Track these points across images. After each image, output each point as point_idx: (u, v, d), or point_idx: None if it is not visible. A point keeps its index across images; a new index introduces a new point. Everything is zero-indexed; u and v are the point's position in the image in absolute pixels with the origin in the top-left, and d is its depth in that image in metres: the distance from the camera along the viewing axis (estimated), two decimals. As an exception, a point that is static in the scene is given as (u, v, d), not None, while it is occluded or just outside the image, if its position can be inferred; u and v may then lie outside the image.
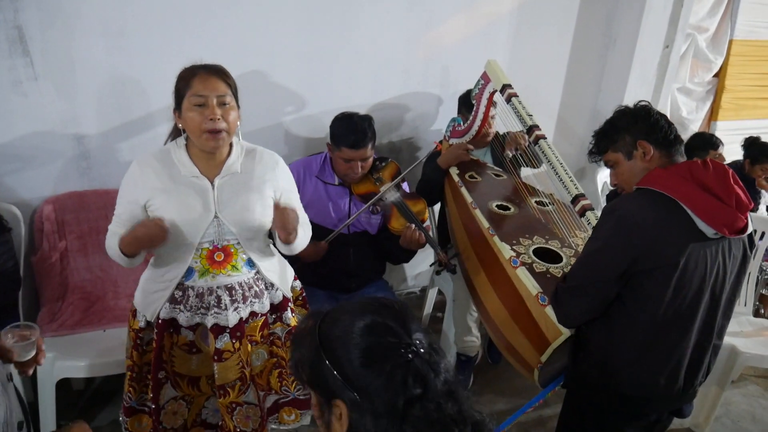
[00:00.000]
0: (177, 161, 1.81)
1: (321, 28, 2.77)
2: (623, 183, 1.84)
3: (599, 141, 1.88)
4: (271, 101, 2.78)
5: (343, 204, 2.52)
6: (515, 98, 2.42)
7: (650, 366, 1.75)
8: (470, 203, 2.45)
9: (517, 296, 2.05)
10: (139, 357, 1.96)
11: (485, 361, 3.15)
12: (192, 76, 1.74)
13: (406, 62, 3.03)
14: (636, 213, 1.65)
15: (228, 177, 1.84)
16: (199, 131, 1.73)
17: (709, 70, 4.05)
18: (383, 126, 3.10)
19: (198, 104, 1.72)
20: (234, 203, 1.83)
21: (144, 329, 1.93)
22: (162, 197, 1.78)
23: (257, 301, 1.94)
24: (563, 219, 2.41)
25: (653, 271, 1.65)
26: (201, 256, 1.84)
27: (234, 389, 1.93)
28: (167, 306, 1.87)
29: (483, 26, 3.14)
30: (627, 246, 1.64)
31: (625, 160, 1.81)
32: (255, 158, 1.91)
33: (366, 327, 1.00)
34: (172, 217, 1.77)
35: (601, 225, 1.74)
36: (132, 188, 1.81)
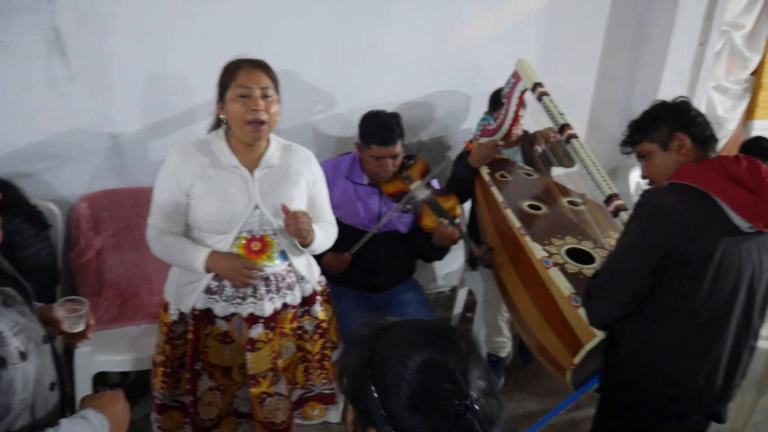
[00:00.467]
0: (217, 151, 1.85)
1: (349, 27, 2.77)
2: (655, 175, 1.82)
3: (634, 131, 1.86)
4: (300, 101, 2.79)
5: (372, 204, 2.52)
6: (546, 97, 2.40)
7: (688, 364, 1.72)
8: (501, 203, 2.43)
9: (549, 297, 2.03)
10: (172, 351, 1.99)
11: (516, 362, 3.13)
12: (237, 69, 1.79)
13: (435, 61, 3.02)
14: (668, 205, 1.64)
15: (267, 169, 1.88)
16: (242, 122, 1.77)
17: (746, 68, 3.97)
18: (412, 125, 3.10)
19: (242, 95, 1.76)
20: (273, 194, 1.87)
21: (176, 322, 1.97)
22: (203, 185, 1.82)
23: (289, 292, 1.97)
24: (596, 219, 2.38)
25: (687, 265, 1.63)
26: (239, 245, 1.86)
27: (265, 379, 1.96)
28: (203, 296, 1.90)
29: (512, 24, 3.12)
30: (659, 238, 1.62)
31: (659, 152, 1.79)
32: (290, 152, 1.97)
33: (424, 364, 0.88)
34: (210, 205, 1.81)
35: (633, 218, 1.74)
36: (173, 176, 1.84)
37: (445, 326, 0.99)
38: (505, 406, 0.94)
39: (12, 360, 1.13)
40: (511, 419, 2.77)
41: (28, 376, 1.17)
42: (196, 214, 1.84)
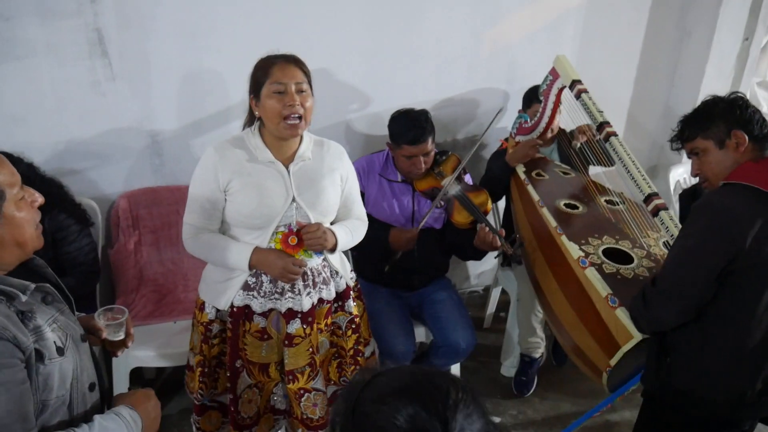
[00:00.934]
0: (252, 147, 1.87)
1: (386, 26, 2.77)
2: (709, 173, 1.76)
3: (689, 126, 1.79)
4: (336, 99, 2.80)
5: (406, 201, 2.52)
6: (585, 94, 2.36)
7: (747, 370, 1.66)
8: (537, 201, 2.41)
9: (585, 297, 2.01)
10: (209, 350, 2.01)
11: (550, 363, 3.09)
12: (271, 65, 1.80)
13: (471, 58, 3.00)
14: (733, 208, 1.57)
15: (301, 164, 1.90)
16: (278, 118, 1.78)
17: (793, 63, 3.84)
18: (448, 123, 3.08)
19: (277, 91, 1.77)
20: (310, 188, 1.89)
21: (212, 321, 1.98)
22: (241, 180, 1.83)
23: (325, 287, 1.99)
24: (635, 219, 2.33)
25: (752, 269, 1.58)
26: (276, 240, 1.88)
27: (303, 375, 1.97)
28: (241, 293, 1.92)
29: (550, 20, 3.07)
30: (726, 242, 1.56)
31: (715, 149, 1.72)
32: (323, 147, 1.98)
33: (405, 421, 0.81)
34: (249, 199, 1.83)
35: (694, 221, 1.66)
36: (211, 173, 1.85)
37: (433, 373, 0.90)
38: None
39: (50, 354, 1.15)
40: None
41: (65, 372, 1.19)
42: (235, 210, 1.86)
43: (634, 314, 1.80)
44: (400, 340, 2.39)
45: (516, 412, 2.79)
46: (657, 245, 2.24)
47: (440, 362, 2.56)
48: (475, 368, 3.03)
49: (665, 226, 2.02)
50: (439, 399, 0.83)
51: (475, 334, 2.50)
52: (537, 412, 2.80)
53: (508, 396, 2.88)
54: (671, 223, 2.01)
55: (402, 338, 2.40)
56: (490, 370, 3.04)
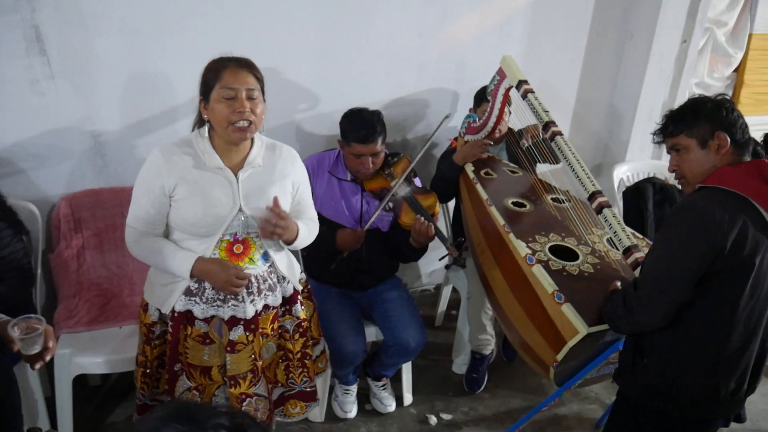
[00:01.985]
0: (200, 151, 1.82)
1: (335, 24, 2.75)
2: (687, 171, 1.77)
3: (674, 122, 1.78)
4: (285, 99, 2.78)
5: (355, 200, 2.52)
6: (531, 94, 2.40)
7: (723, 369, 1.71)
8: (485, 200, 2.44)
9: (532, 294, 2.04)
10: (151, 351, 1.98)
11: (500, 359, 3.14)
12: (222, 68, 1.75)
13: (421, 59, 3.01)
14: (714, 212, 1.59)
15: (251, 170, 1.86)
16: (226, 123, 1.74)
17: (729, 64, 3.98)
18: (398, 123, 3.09)
19: (227, 97, 1.73)
20: (258, 197, 1.85)
21: (156, 323, 1.95)
22: (187, 187, 1.79)
23: (271, 294, 1.97)
24: (580, 216, 2.39)
25: (730, 272, 1.62)
26: (220, 248, 1.85)
27: (245, 381, 1.95)
28: (183, 298, 1.88)
29: (498, 22, 3.11)
30: (707, 246, 1.59)
31: (697, 148, 1.73)
32: (275, 153, 1.94)
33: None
34: (194, 207, 1.78)
35: (675, 225, 1.67)
36: (157, 177, 1.79)
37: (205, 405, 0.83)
38: None
39: None
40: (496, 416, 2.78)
41: None
42: (179, 217, 1.81)
43: (612, 318, 1.79)
44: (350, 340, 2.39)
45: (467, 408, 2.82)
46: (601, 242, 2.29)
47: (391, 361, 2.57)
48: (426, 366, 3.05)
49: (608, 223, 2.07)
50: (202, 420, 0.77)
51: (425, 333, 2.51)
52: (488, 408, 2.83)
53: (460, 393, 2.91)
54: (614, 220, 2.06)
55: (352, 338, 2.40)
56: (441, 368, 3.07)
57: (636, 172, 3.53)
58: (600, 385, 2.99)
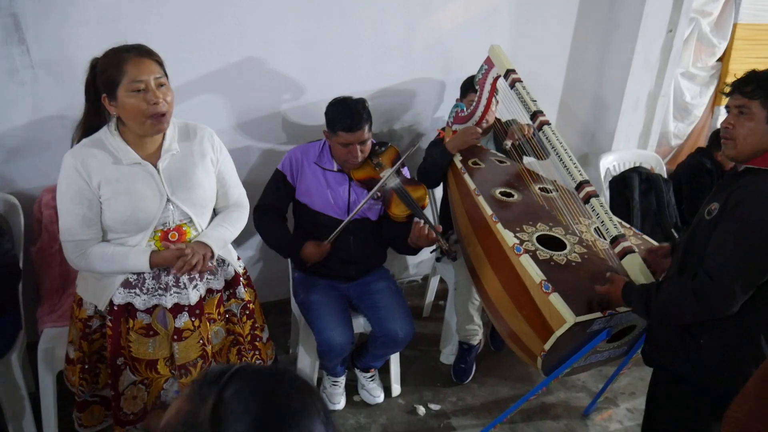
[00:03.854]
0: (114, 148, 1.77)
1: (320, 14, 2.73)
2: (741, 136, 1.71)
3: (757, 85, 1.69)
4: (270, 89, 2.75)
5: (342, 190, 2.50)
6: (519, 83, 2.39)
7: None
8: (473, 190, 2.43)
9: (520, 284, 2.04)
10: (89, 346, 1.94)
11: (488, 349, 3.14)
12: (123, 61, 1.69)
13: (407, 48, 3.00)
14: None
15: (169, 159, 1.84)
16: (143, 117, 1.70)
17: (713, 54, 4.01)
18: (384, 113, 3.08)
19: (137, 89, 1.68)
20: (183, 183, 1.84)
21: (92, 317, 1.91)
22: (110, 187, 1.75)
23: (213, 278, 1.96)
24: (567, 206, 2.39)
25: None
26: (155, 239, 1.84)
27: (196, 368, 1.93)
28: (121, 291, 1.85)
29: (484, 10, 3.10)
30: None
31: (763, 121, 1.67)
32: (189, 133, 1.92)
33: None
34: (123, 206, 1.76)
35: (747, 213, 1.62)
36: (80, 180, 1.74)
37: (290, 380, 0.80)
38: None
39: None
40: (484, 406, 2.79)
41: None
42: (109, 218, 1.78)
43: (671, 309, 1.73)
44: (338, 332, 2.38)
45: (455, 398, 2.83)
46: (588, 231, 2.29)
47: (379, 352, 2.56)
48: (414, 357, 3.05)
49: (596, 212, 2.07)
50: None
51: (413, 324, 2.51)
52: (476, 398, 2.84)
53: (448, 383, 2.91)
54: (601, 210, 2.06)
55: (340, 330, 2.39)
56: (429, 359, 3.07)
57: (622, 161, 3.55)
58: (587, 373, 3.01)
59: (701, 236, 1.72)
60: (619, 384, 2.97)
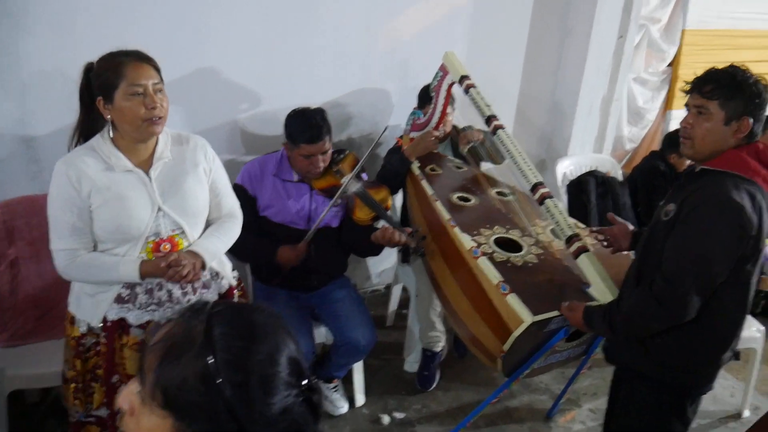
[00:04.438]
0: (106, 155, 1.76)
1: (277, 21, 2.72)
2: (699, 137, 1.72)
3: (715, 86, 1.69)
4: (226, 98, 2.73)
5: (303, 201, 2.49)
6: (473, 89, 2.43)
7: (730, 339, 1.79)
8: (431, 195, 2.45)
9: (478, 286, 2.05)
10: (83, 365, 1.89)
11: (452, 355, 3.15)
12: (123, 65, 1.70)
13: (366, 56, 3.01)
14: (739, 199, 1.62)
15: (162, 166, 1.82)
16: (140, 120, 1.70)
17: (663, 60, 4.12)
18: (343, 121, 3.08)
19: (136, 93, 1.68)
20: (175, 192, 1.82)
21: (85, 335, 1.87)
22: (101, 194, 1.74)
23: (206, 291, 1.94)
24: (524, 208, 2.42)
25: (748, 258, 1.67)
26: (147, 250, 1.81)
27: None
28: (115, 306, 1.83)
29: (440, 18, 3.13)
30: (741, 240, 1.63)
31: (720, 122, 1.69)
32: (182, 143, 1.91)
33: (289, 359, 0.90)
34: (114, 214, 1.74)
35: (703, 216, 1.65)
36: (71, 188, 1.73)
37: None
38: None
39: None
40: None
41: None
42: (99, 227, 1.76)
43: (639, 319, 1.75)
44: (300, 343, 2.35)
45: (420, 406, 2.82)
46: (544, 233, 2.33)
47: (341, 361, 2.55)
48: (379, 366, 3.04)
49: (551, 213, 2.10)
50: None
51: (374, 331, 2.50)
52: (441, 405, 2.84)
53: (412, 391, 2.90)
54: (556, 210, 2.10)
55: (301, 340, 2.36)
56: (393, 367, 3.06)
57: (578, 165, 3.61)
58: (549, 375, 3.04)
59: (658, 237, 1.75)
60: (581, 385, 3.01)
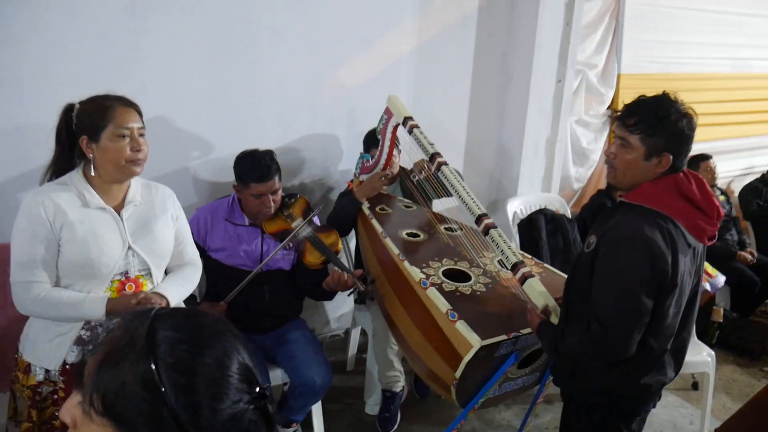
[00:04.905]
0: (80, 193, 1.79)
1: (224, 71, 2.79)
2: (620, 167, 1.79)
3: (639, 119, 1.73)
4: (177, 146, 2.76)
5: (254, 244, 2.51)
6: (416, 129, 2.51)
7: (658, 369, 1.84)
8: (381, 233, 2.49)
9: (428, 316, 2.08)
10: (39, 415, 1.84)
11: (413, 397, 3.13)
12: (110, 109, 1.78)
13: (313, 104, 3.09)
14: (652, 235, 1.67)
15: (133, 209, 1.88)
16: (123, 161, 1.77)
17: (602, 102, 4.31)
18: (294, 167, 3.13)
19: (122, 135, 1.76)
20: (145, 233, 1.87)
21: (43, 383, 1.83)
22: (72, 229, 1.75)
23: None
24: (471, 242, 2.48)
25: (664, 291, 1.71)
26: (112, 289, 1.82)
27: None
28: (75, 349, 1.81)
29: (384, 67, 3.25)
30: (657, 276, 1.68)
31: (640, 156, 1.73)
32: (151, 190, 1.98)
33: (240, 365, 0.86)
34: (84, 249, 1.76)
35: (621, 256, 1.69)
36: (42, 220, 1.74)
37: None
38: None
39: None
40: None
41: None
42: (67, 260, 1.76)
43: (572, 354, 1.80)
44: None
45: (382, 448, 2.79)
46: (492, 263, 2.38)
47: (298, 403, 2.51)
48: (339, 410, 3.00)
49: (495, 242, 2.16)
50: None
51: (330, 371, 2.49)
52: (402, 446, 2.81)
53: (374, 434, 2.88)
54: (500, 240, 2.15)
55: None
56: (355, 411, 3.03)
57: (528, 204, 3.71)
58: (512, 412, 3.05)
59: (582, 269, 1.82)
60: (543, 420, 3.02)
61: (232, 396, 0.82)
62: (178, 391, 0.79)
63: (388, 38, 3.23)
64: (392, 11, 3.20)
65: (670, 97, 1.76)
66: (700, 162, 4.23)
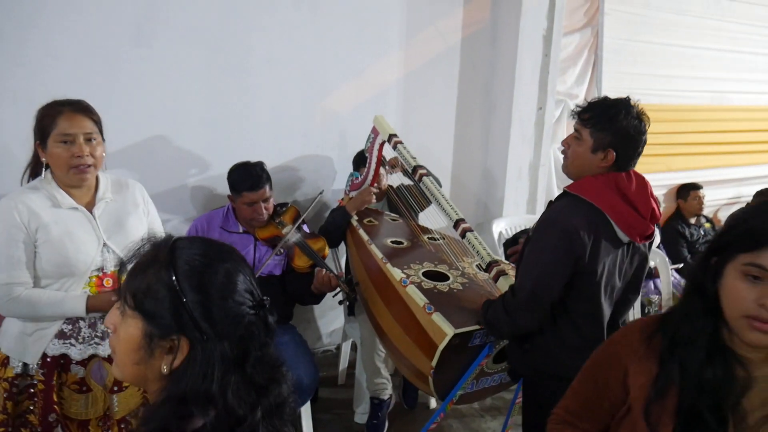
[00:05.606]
0: (51, 194, 1.84)
1: (222, 95, 3.00)
2: (570, 157, 1.95)
3: (590, 114, 1.88)
4: (176, 164, 2.95)
5: (247, 251, 2.66)
6: (400, 145, 2.69)
7: (584, 354, 1.94)
8: (366, 241, 2.64)
9: (407, 311, 2.21)
10: (14, 407, 1.86)
11: (401, 407, 3.23)
12: (58, 114, 1.79)
13: (305, 127, 3.29)
14: (576, 224, 1.81)
15: (104, 206, 1.92)
16: (66, 167, 1.80)
17: (584, 131, 4.50)
18: (287, 187, 3.31)
19: (64, 141, 1.78)
20: (119, 230, 1.92)
21: (20, 375, 1.86)
22: (48, 230, 1.80)
23: None
24: (452, 249, 2.63)
25: (587, 275, 1.86)
26: (90, 284, 1.87)
27: (137, 417, 1.92)
28: (56, 342, 1.85)
29: (373, 94, 3.46)
30: (571, 255, 1.82)
31: (588, 148, 1.87)
32: (122, 186, 2.02)
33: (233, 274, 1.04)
34: (61, 248, 1.81)
35: (544, 236, 1.87)
36: (17, 222, 1.78)
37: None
38: None
39: None
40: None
41: None
42: (44, 261, 1.80)
43: (494, 323, 1.97)
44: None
45: (370, 454, 2.87)
46: (471, 267, 2.53)
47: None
48: (329, 420, 3.10)
49: (472, 244, 2.32)
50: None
51: (317, 370, 2.60)
52: (390, 453, 2.89)
53: (362, 442, 2.96)
54: (476, 242, 2.31)
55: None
56: (344, 420, 3.12)
57: (513, 225, 3.86)
58: (497, 421, 3.13)
59: (522, 252, 2.00)
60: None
61: (237, 297, 1.01)
62: (193, 291, 0.99)
63: (377, 67, 3.45)
64: (380, 41, 3.43)
65: (628, 101, 1.89)
66: (690, 191, 4.43)
